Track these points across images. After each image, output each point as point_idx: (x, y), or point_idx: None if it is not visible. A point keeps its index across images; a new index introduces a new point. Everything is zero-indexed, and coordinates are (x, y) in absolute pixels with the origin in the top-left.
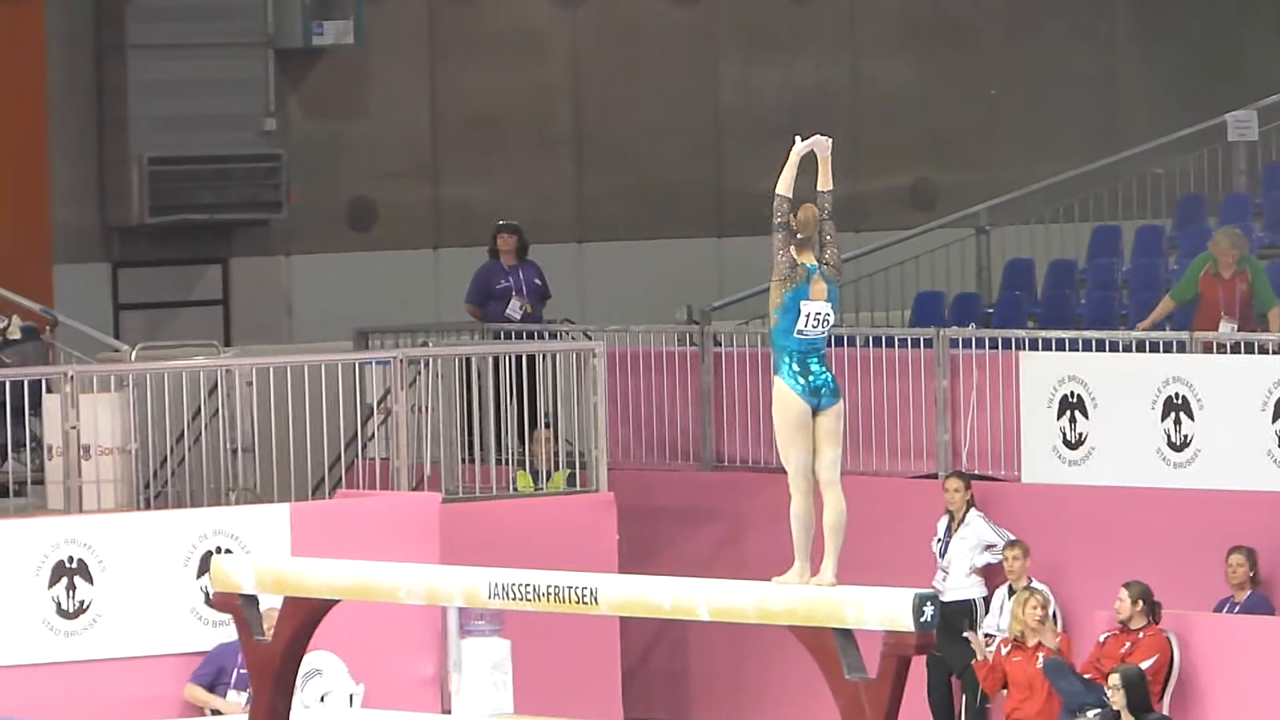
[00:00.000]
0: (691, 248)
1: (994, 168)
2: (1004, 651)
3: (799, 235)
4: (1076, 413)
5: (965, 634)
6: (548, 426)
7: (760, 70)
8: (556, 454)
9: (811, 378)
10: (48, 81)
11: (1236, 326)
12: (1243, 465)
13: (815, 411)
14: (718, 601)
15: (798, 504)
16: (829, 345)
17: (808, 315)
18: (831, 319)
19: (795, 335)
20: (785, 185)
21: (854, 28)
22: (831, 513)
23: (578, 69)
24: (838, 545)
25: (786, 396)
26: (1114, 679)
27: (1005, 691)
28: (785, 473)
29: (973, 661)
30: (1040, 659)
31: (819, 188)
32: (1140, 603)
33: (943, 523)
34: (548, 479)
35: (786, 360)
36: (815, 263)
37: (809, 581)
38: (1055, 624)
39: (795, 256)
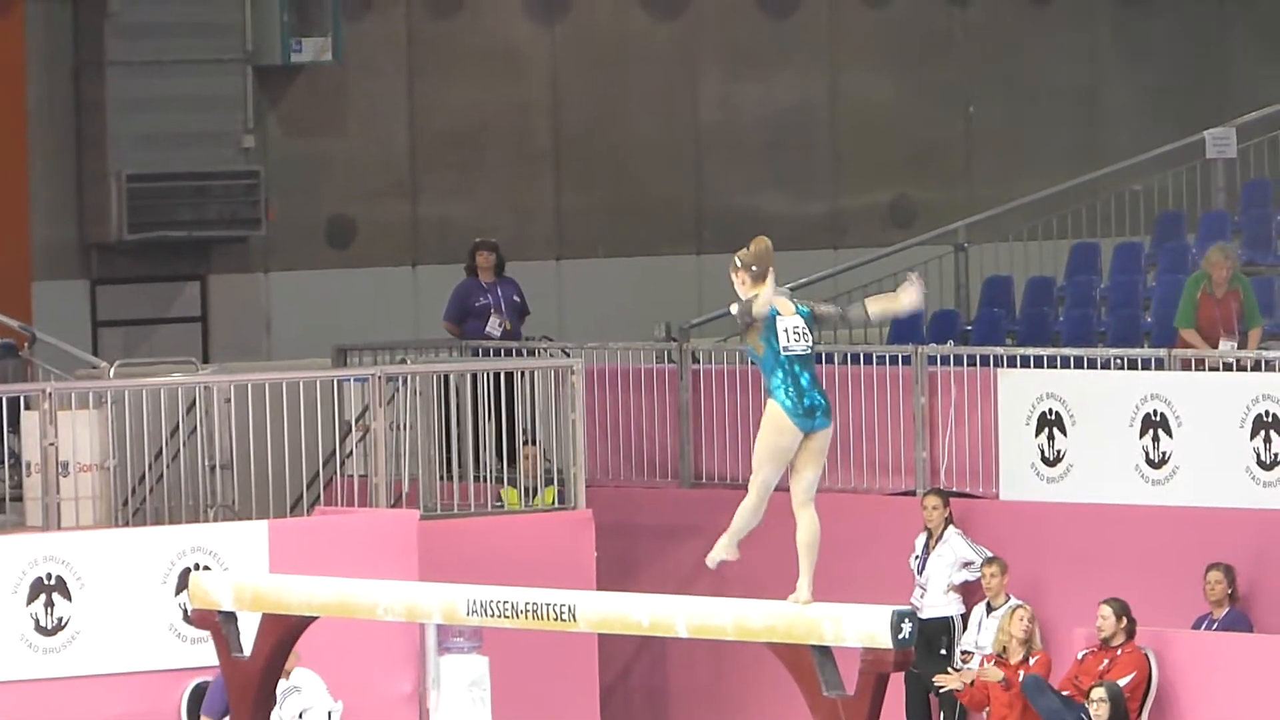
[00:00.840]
0: (671, 265)
1: (973, 185)
2: (987, 667)
3: (754, 268)
4: (1055, 430)
5: (940, 683)
6: (529, 443)
7: (740, 87)
8: (540, 471)
9: (805, 398)
10: (27, 98)
11: (1236, 345)
12: (1221, 482)
13: (806, 434)
14: (696, 619)
15: (750, 502)
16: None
17: (785, 330)
18: (809, 334)
19: (783, 352)
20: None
21: (834, 44)
22: (805, 531)
23: (557, 86)
24: (812, 563)
25: (780, 420)
26: (1098, 692)
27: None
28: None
29: (954, 691)
30: (1021, 676)
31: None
32: (1124, 619)
33: (921, 540)
34: (533, 496)
35: (780, 378)
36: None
37: (788, 599)
38: (1038, 643)
39: (745, 293)
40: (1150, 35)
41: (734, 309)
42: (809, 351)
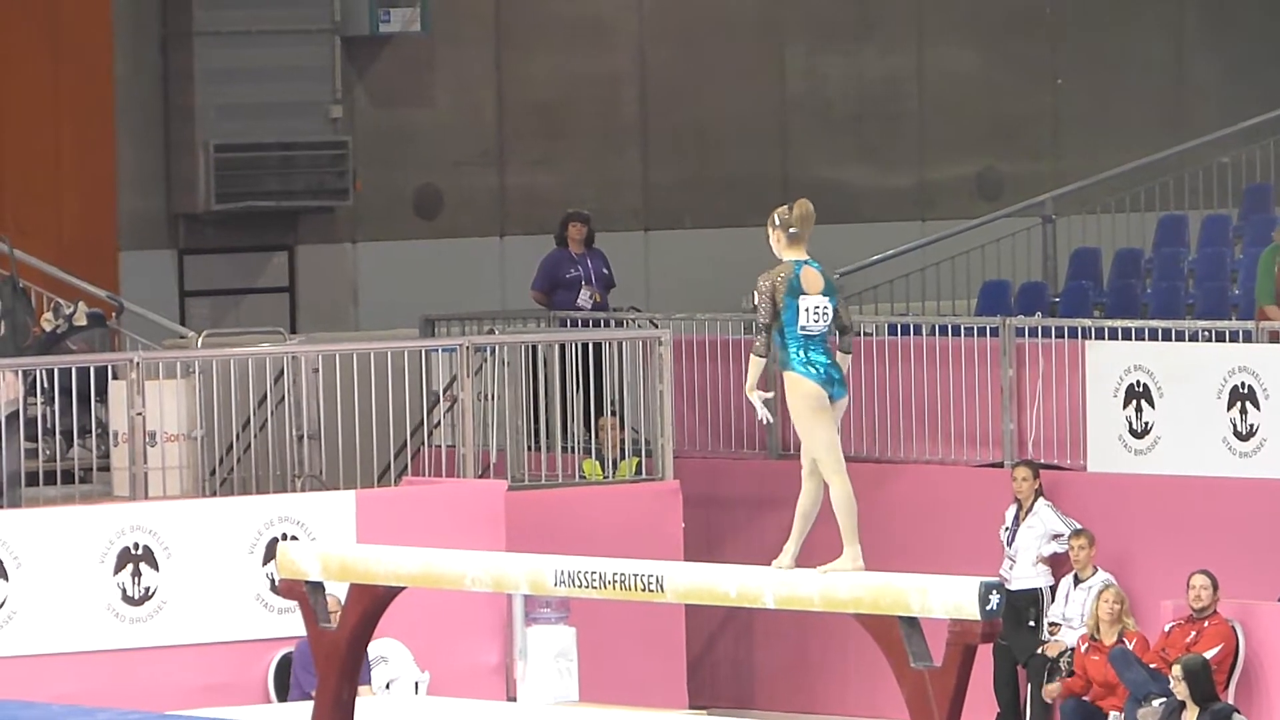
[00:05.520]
0: (757, 236)
1: (1060, 157)
2: (1083, 649)
3: (792, 230)
4: (1142, 402)
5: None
6: (613, 414)
7: (827, 59)
8: (623, 441)
9: (820, 368)
10: (114, 68)
11: None
12: None
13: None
14: (783, 590)
15: (837, 489)
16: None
17: (806, 310)
18: (830, 313)
19: (799, 332)
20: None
21: (921, 16)
22: (806, 500)
23: (644, 57)
24: (804, 531)
25: (801, 384)
26: (1176, 670)
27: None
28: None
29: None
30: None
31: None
32: (1216, 591)
33: (1010, 511)
34: (614, 467)
35: (793, 352)
36: (805, 256)
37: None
38: (1132, 621)
39: (779, 252)
40: (1238, 5)
41: (757, 295)
42: (824, 332)
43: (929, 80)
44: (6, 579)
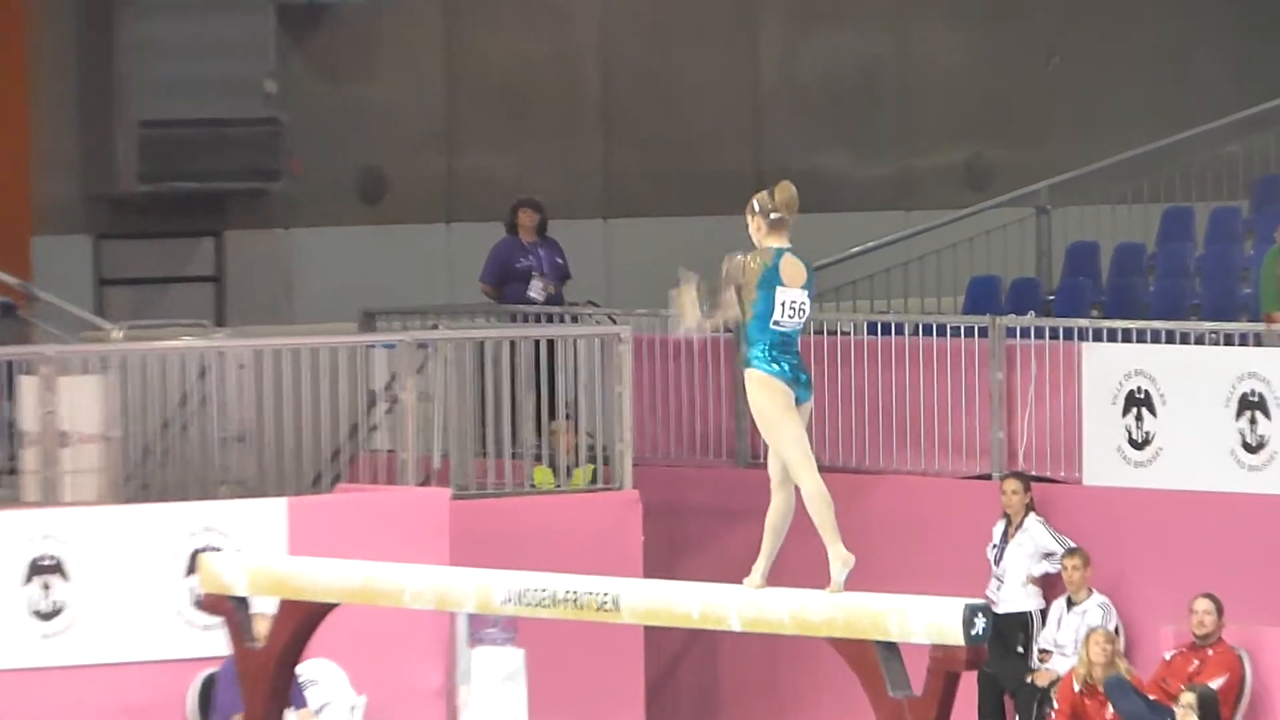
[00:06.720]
0: (727, 226)
1: (1055, 144)
2: (1076, 688)
3: (775, 215)
4: (1143, 410)
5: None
6: (567, 417)
7: (802, 40)
8: (578, 447)
9: (787, 367)
10: (26, 41)
11: None
12: None
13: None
14: (750, 611)
15: (808, 485)
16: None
17: (783, 304)
18: (807, 309)
19: (771, 326)
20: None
21: None
22: (776, 512)
23: (607, 34)
24: (774, 547)
25: (766, 380)
26: (1188, 697)
27: None
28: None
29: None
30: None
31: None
32: (1221, 616)
33: (999, 527)
34: (569, 474)
35: (759, 349)
36: (788, 244)
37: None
38: (1125, 664)
39: (758, 240)
40: None
41: (725, 266)
42: (798, 330)
43: (912, 61)
44: None
